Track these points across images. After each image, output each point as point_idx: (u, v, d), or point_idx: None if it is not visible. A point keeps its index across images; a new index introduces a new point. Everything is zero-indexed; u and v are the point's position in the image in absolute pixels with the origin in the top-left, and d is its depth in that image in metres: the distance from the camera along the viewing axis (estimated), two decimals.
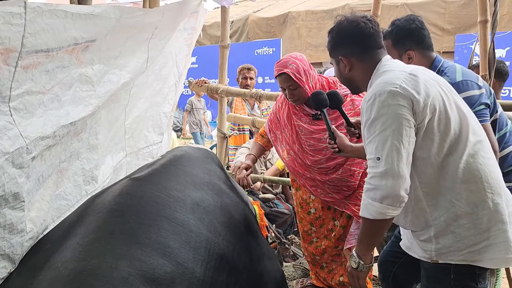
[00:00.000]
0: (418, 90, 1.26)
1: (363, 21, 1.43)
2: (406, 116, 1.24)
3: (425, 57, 1.82)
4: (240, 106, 3.90)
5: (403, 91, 1.25)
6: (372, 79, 1.42)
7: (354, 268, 1.42)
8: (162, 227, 1.39)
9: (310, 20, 7.78)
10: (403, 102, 1.24)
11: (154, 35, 1.99)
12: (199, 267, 1.37)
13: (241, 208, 1.95)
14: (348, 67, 1.47)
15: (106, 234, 1.31)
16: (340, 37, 1.48)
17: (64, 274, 1.15)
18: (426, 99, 1.26)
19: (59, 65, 1.33)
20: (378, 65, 1.42)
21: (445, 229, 1.30)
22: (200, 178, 1.84)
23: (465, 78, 1.70)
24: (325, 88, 2.16)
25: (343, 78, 1.54)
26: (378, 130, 1.27)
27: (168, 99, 2.75)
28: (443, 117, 1.28)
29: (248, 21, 8.46)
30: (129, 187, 1.56)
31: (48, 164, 1.42)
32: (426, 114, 1.26)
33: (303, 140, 2.22)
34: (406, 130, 1.24)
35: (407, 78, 1.29)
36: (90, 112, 1.56)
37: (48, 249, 1.33)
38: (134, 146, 2.49)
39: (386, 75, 1.34)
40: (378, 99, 1.27)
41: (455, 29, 6.59)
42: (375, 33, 1.44)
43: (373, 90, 1.31)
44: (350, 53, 1.46)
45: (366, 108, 1.32)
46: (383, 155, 1.25)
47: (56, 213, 1.56)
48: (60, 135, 1.39)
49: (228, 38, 3.28)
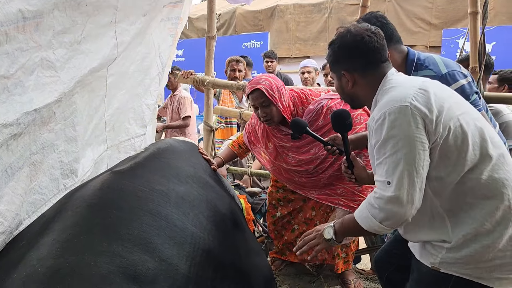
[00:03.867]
0: (430, 107, 1.17)
1: (367, 35, 1.33)
2: (420, 138, 1.16)
3: (398, 52, 1.78)
4: (228, 98, 3.84)
5: (415, 109, 1.16)
6: (378, 96, 1.34)
7: (325, 238, 1.38)
8: (144, 221, 1.33)
9: (298, 14, 7.72)
10: (415, 122, 1.16)
11: (119, 18, 1.92)
12: (184, 263, 1.31)
13: (227, 202, 1.91)
14: (351, 83, 1.39)
15: (85, 229, 1.24)
16: (343, 52, 1.38)
17: (40, 272, 1.08)
18: (438, 116, 1.17)
19: (18, 47, 1.27)
20: (383, 80, 1.34)
21: (462, 244, 1.21)
22: (184, 171, 1.79)
23: (450, 69, 1.67)
24: (298, 104, 2.14)
25: (345, 94, 1.45)
26: (389, 152, 1.18)
27: (150, 91, 2.66)
28: (459, 133, 1.19)
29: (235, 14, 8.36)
30: (110, 180, 1.50)
31: (17, 155, 1.36)
32: (440, 132, 1.17)
33: (290, 157, 2.20)
34: (420, 154, 1.16)
35: (418, 93, 1.20)
36: (55, 98, 1.50)
37: (23, 246, 1.27)
38: (115, 139, 2.40)
39: (395, 91, 1.25)
40: (388, 118, 1.19)
41: (442, 23, 6.62)
42: (380, 47, 1.35)
43: (381, 108, 1.22)
44: (353, 68, 1.37)
45: (376, 128, 1.23)
46: (393, 179, 1.17)
47: (31, 208, 1.48)
48: (24, 122, 1.33)
49: (215, 29, 3.19)
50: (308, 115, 2.11)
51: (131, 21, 2.07)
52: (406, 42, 2.73)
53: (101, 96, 2.14)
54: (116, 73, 2.19)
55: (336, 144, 1.87)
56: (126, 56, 2.27)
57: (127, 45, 2.08)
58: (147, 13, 2.20)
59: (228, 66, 3.94)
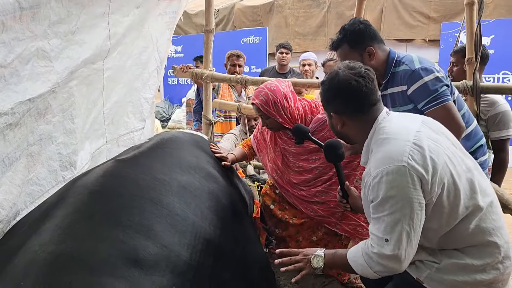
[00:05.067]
0: (426, 166, 1.19)
1: (355, 79, 1.31)
2: (418, 199, 1.18)
3: (382, 50, 1.88)
4: (227, 92, 3.83)
5: (412, 170, 1.18)
6: (371, 143, 1.34)
7: (313, 266, 1.38)
8: (146, 209, 1.35)
9: (297, 9, 7.69)
10: (413, 183, 1.17)
11: (112, 10, 1.93)
12: (185, 250, 1.33)
13: (229, 193, 1.92)
14: (339, 124, 1.40)
15: (86, 216, 1.26)
16: (331, 94, 1.39)
17: (41, 257, 1.10)
18: (434, 175, 1.20)
19: (14, 37, 1.29)
20: (375, 125, 1.33)
21: (451, 269, 1.26)
22: (187, 161, 1.80)
23: (423, 64, 1.78)
24: (307, 114, 2.13)
25: (336, 132, 1.46)
26: (388, 211, 1.20)
27: (149, 85, 2.68)
28: (452, 189, 1.22)
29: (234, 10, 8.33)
30: (113, 168, 1.52)
31: (14, 146, 1.37)
32: (435, 191, 1.20)
33: (291, 162, 2.20)
34: (418, 214, 1.19)
35: (413, 151, 1.20)
36: (48, 88, 1.52)
37: (25, 231, 1.28)
38: (115, 133, 2.42)
39: (389, 146, 1.25)
40: (386, 178, 1.19)
41: (441, 17, 6.58)
42: (369, 91, 1.33)
43: (378, 165, 1.23)
44: (341, 111, 1.38)
45: (372, 186, 1.23)
46: (392, 238, 1.20)
47: (29, 199, 1.50)
48: (19, 112, 1.35)
49: (213, 23, 3.19)
50: (315, 124, 2.10)
51: (124, 13, 2.08)
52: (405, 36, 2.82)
53: (99, 90, 2.15)
54: (113, 66, 2.21)
55: None
56: (123, 50, 2.28)
57: (120, 37, 2.09)
58: (141, 5, 2.21)
59: (229, 60, 3.88)
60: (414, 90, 1.77)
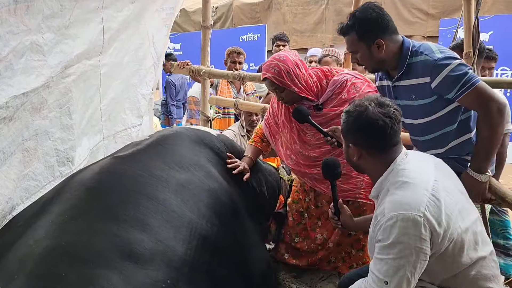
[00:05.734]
0: (440, 221, 1.22)
1: (382, 120, 1.30)
2: (425, 250, 1.21)
3: (394, 42, 1.76)
4: (226, 89, 3.80)
5: (426, 223, 1.20)
6: (386, 180, 1.35)
7: None
8: (141, 204, 1.35)
9: (295, 5, 7.67)
10: (425, 235, 1.20)
11: (105, 4, 1.93)
12: (181, 245, 1.33)
13: (230, 193, 1.89)
14: (356, 157, 1.40)
15: (82, 212, 1.26)
16: (355, 126, 1.37)
17: (36, 252, 1.11)
18: (446, 230, 1.23)
19: (9, 30, 1.29)
20: (393, 166, 1.34)
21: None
22: (187, 159, 1.79)
23: (445, 54, 1.68)
24: (322, 79, 2.07)
25: (351, 162, 1.46)
26: (393, 256, 1.22)
27: (146, 81, 2.67)
28: (459, 241, 1.26)
29: (232, 7, 8.30)
30: (110, 165, 1.52)
31: (9, 140, 1.38)
32: (444, 244, 1.24)
33: (309, 135, 2.12)
34: (421, 263, 1.22)
35: (430, 203, 1.23)
36: (42, 83, 1.51)
37: (21, 226, 1.29)
38: (112, 129, 2.42)
39: (408, 192, 1.26)
40: (400, 224, 1.21)
41: (439, 13, 6.57)
42: (393, 133, 1.33)
43: (394, 209, 1.24)
44: (361, 146, 1.38)
45: (384, 227, 1.25)
46: (392, 281, 1.22)
47: (25, 194, 1.50)
48: (13, 106, 1.35)
49: (210, 19, 3.18)
50: (332, 87, 2.04)
51: (118, 8, 2.08)
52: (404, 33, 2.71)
53: (96, 86, 2.15)
54: (110, 63, 2.20)
55: (335, 136, 1.85)
56: (119, 47, 2.27)
57: (115, 32, 2.08)
58: (136, 0, 2.20)
59: (229, 57, 3.83)
60: (441, 81, 1.65)
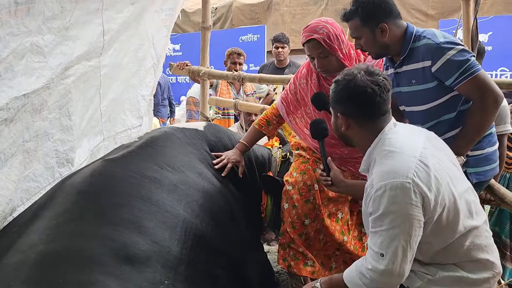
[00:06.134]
0: (430, 186, 1.20)
1: (371, 87, 1.29)
2: (418, 217, 1.19)
3: (397, 26, 1.73)
4: (225, 90, 3.81)
5: (416, 188, 1.18)
6: (374, 150, 1.33)
7: None
8: (135, 207, 1.35)
9: (294, 6, 7.68)
10: (415, 201, 1.18)
11: (106, 6, 1.93)
12: (176, 245, 1.34)
13: (224, 194, 1.90)
14: (345, 127, 1.38)
15: (75, 215, 1.27)
16: (343, 96, 1.36)
17: (30, 257, 1.11)
18: (437, 196, 1.20)
19: (9, 32, 1.29)
20: (381, 135, 1.33)
21: (444, 281, 1.28)
22: (179, 160, 1.79)
23: (448, 38, 1.65)
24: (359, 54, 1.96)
25: (339, 133, 1.44)
26: (386, 226, 1.20)
27: (146, 82, 2.67)
28: (452, 209, 1.24)
29: (232, 8, 8.31)
30: (102, 167, 1.51)
31: (10, 142, 1.39)
32: (437, 210, 1.21)
33: None
34: (416, 231, 1.20)
35: (419, 169, 1.21)
36: (43, 84, 1.52)
37: (15, 232, 1.29)
38: (112, 130, 2.42)
39: (395, 160, 1.24)
40: (389, 193, 1.19)
41: (438, 14, 6.58)
42: (382, 101, 1.31)
43: (382, 178, 1.22)
44: (350, 115, 1.36)
45: (374, 198, 1.23)
46: (388, 253, 1.20)
47: (25, 195, 1.51)
48: (13, 107, 1.36)
49: (210, 20, 3.19)
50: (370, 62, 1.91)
51: (118, 9, 2.08)
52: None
53: (96, 87, 2.15)
54: (109, 64, 2.20)
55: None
56: (119, 48, 2.27)
57: (115, 33, 2.08)
58: (136, 1, 2.20)
59: (229, 58, 3.81)
60: (441, 65, 1.62)
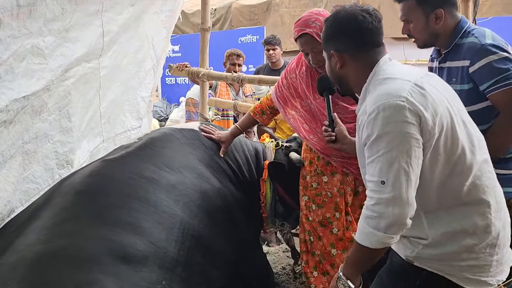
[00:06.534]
0: (426, 106, 1.12)
1: (361, 15, 1.24)
2: (415, 135, 1.10)
3: (452, 17, 1.64)
4: (224, 91, 3.81)
5: (411, 106, 1.10)
6: (369, 84, 1.26)
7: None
8: (132, 207, 1.36)
9: (294, 7, 7.68)
10: (411, 119, 1.09)
11: (105, 8, 1.94)
12: (173, 246, 1.35)
13: (223, 194, 1.90)
14: (339, 64, 1.31)
15: (73, 216, 1.28)
16: (334, 29, 1.30)
17: (27, 256, 1.12)
18: (434, 116, 1.12)
19: (10, 34, 1.30)
20: (376, 67, 1.26)
21: (439, 241, 1.20)
22: (177, 161, 1.79)
23: (495, 41, 1.57)
24: None
25: (334, 75, 1.37)
26: (383, 150, 1.11)
27: (145, 83, 2.68)
28: (450, 135, 1.15)
29: (231, 9, 8.32)
30: (100, 168, 1.52)
31: (9, 143, 1.39)
32: (435, 133, 1.12)
33: (341, 109, 1.88)
34: (415, 151, 1.10)
35: (413, 90, 1.13)
36: (43, 86, 1.53)
37: (13, 232, 1.30)
38: (111, 132, 2.43)
39: (388, 85, 1.18)
40: (382, 114, 1.11)
41: None
42: (374, 29, 1.25)
43: (375, 101, 1.15)
44: (343, 49, 1.29)
45: (367, 122, 1.15)
46: (389, 178, 1.10)
47: (24, 197, 1.51)
48: (13, 109, 1.36)
49: (209, 21, 3.20)
50: None
51: (118, 11, 2.09)
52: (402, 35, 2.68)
53: (95, 88, 2.16)
54: (109, 65, 2.21)
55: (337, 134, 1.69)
56: (119, 49, 2.28)
57: (115, 35, 2.09)
58: (135, 3, 2.21)
59: (228, 59, 3.81)
60: (480, 67, 1.54)
